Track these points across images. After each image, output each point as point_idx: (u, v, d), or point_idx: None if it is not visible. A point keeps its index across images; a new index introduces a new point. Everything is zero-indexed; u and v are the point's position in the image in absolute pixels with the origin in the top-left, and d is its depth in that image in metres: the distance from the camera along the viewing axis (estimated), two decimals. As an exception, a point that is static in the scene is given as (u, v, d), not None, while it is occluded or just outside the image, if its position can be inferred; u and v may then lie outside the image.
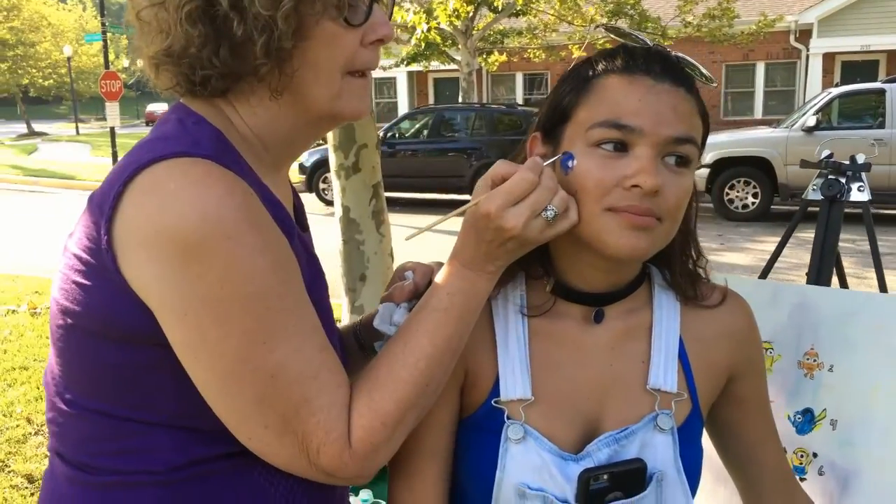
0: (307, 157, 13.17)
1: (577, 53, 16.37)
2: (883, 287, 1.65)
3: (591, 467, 0.86)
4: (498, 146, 12.11)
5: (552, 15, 15.69)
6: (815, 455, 1.28)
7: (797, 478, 1.14)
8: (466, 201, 0.85)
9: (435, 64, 17.24)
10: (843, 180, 1.87)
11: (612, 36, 0.98)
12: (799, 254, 8.15)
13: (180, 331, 0.79)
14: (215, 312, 0.77)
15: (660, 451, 0.89)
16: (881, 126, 9.75)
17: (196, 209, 0.75)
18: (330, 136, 4.24)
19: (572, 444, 0.89)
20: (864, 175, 1.90)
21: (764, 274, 1.85)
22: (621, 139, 0.83)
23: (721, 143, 10.65)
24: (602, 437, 0.88)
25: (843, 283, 1.91)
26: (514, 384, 0.89)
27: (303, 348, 0.81)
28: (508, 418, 0.89)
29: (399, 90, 24.62)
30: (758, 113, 20.49)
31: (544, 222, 0.80)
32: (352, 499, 2.66)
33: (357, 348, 1.06)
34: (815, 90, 17.08)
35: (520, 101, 22.38)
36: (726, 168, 10.39)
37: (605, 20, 14.99)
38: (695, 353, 0.94)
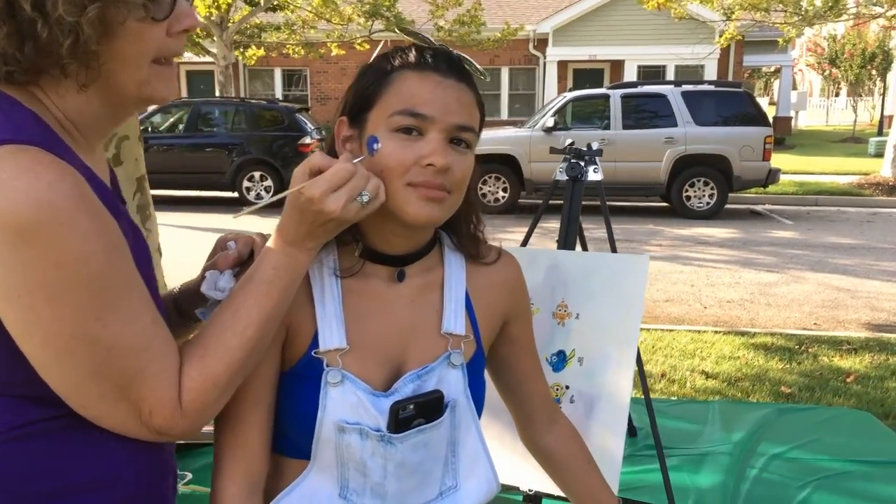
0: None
1: (336, 52, 16.56)
2: (613, 249, 2.02)
3: (400, 399, 1.04)
4: (259, 142, 11.89)
5: (310, 12, 15.72)
6: (567, 387, 1.56)
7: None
8: (225, 198, 0.96)
9: (188, 55, 16.54)
10: (581, 164, 2.24)
11: (402, 35, 1.15)
12: (544, 242, 8.97)
13: (13, 311, 0.83)
14: (49, 294, 0.82)
15: (453, 384, 1.09)
16: (607, 127, 10.94)
17: (29, 196, 0.79)
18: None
19: (382, 383, 1.06)
20: (597, 159, 2.29)
21: (524, 244, 2.15)
22: (417, 125, 1.00)
23: (473, 141, 11.30)
24: (407, 375, 1.06)
25: (584, 247, 2.28)
26: (331, 336, 1.04)
27: (135, 323, 0.88)
28: (327, 366, 1.03)
29: (148, 82, 23.18)
30: (504, 114, 22.01)
31: (359, 205, 0.95)
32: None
33: (176, 314, 1.14)
34: (552, 94, 18.76)
35: (279, 96, 22.10)
36: (478, 164, 10.99)
37: (362, 20, 15.31)
38: (477, 301, 1.16)
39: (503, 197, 11.30)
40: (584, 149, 2.23)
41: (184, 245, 8.01)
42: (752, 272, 7.59)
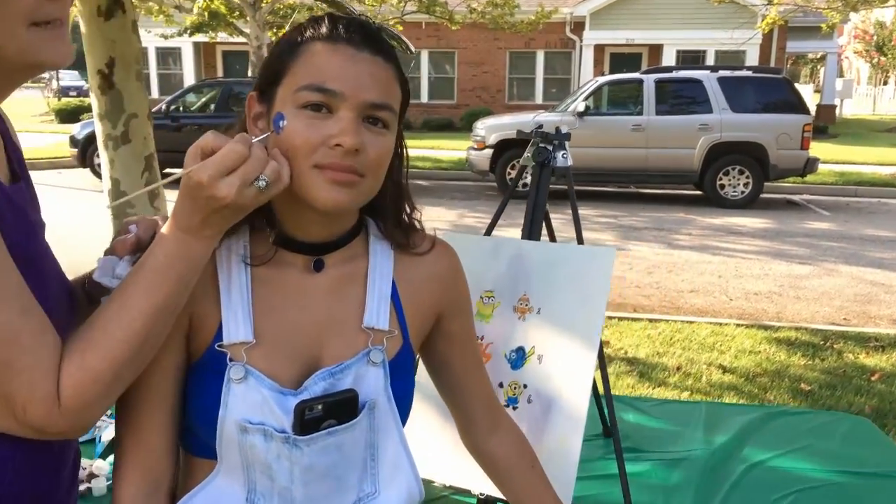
0: (79, 130, 12.24)
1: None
2: (580, 240, 1.90)
3: (306, 399, 0.95)
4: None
5: (343, -7, 15.63)
6: (525, 386, 1.47)
7: (510, 406, 1.30)
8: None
9: (223, 36, 16.59)
10: (549, 148, 2.12)
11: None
12: (566, 229, 8.83)
13: None
14: None
15: (372, 382, 0.99)
16: (640, 113, 10.72)
17: None
18: (95, 104, 4.01)
19: (293, 381, 0.97)
20: (566, 144, 2.15)
21: (488, 232, 2.05)
22: (325, 102, 0.90)
23: (503, 126, 11.16)
24: (318, 373, 0.97)
25: (552, 237, 2.16)
26: (237, 328, 0.95)
27: (0, 313, 0.82)
28: (231, 360, 0.95)
29: (185, 61, 23.44)
30: (538, 98, 21.76)
31: (257, 190, 0.85)
32: (100, 462, 2.61)
33: (87, 302, 1.07)
34: (588, 79, 18.46)
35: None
36: (509, 148, 10.88)
37: (394, 1, 15.19)
38: (406, 294, 1.06)
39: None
40: (553, 132, 2.10)
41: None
42: (783, 264, 7.37)
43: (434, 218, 9.51)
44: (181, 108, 12.26)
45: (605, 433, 3.17)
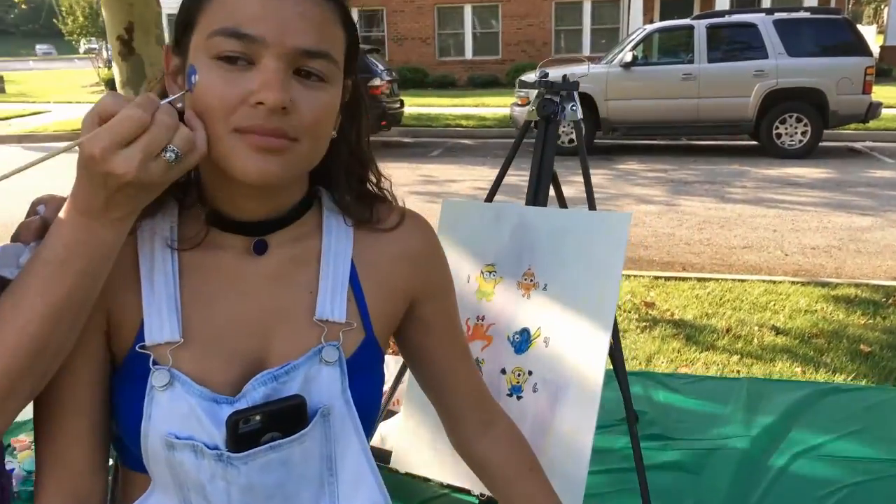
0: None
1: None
2: (591, 205, 1.68)
3: (241, 409, 0.80)
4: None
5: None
6: (530, 373, 1.31)
7: (514, 395, 1.15)
8: None
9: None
10: (556, 100, 1.90)
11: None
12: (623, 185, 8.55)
13: None
14: None
15: (325, 385, 0.85)
16: (691, 61, 10.29)
17: None
18: (116, 72, 3.93)
19: (230, 386, 0.82)
20: (576, 94, 1.94)
21: (489, 197, 1.83)
22: (242, 51, 0.74)
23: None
24: (259, 376, 0.82)
25: (562, 201, 1.95)
26: (161, 326, 0.81)
27: None
28: (154, 364, 0.81)
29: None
30: (586, 50, 21.17)
31: (166, 163, 0.70)
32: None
33: None
34: (637, 28, 17.83)
35: (356, 38, 21.87)
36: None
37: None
38: (368, 278, 0.90)
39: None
40: (560, 81, 1.88)
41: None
42: (843, 216, 7.00)
43: (476, 177, 9.32)
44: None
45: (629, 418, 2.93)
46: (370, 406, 0.89)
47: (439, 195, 8.19)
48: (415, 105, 15.60)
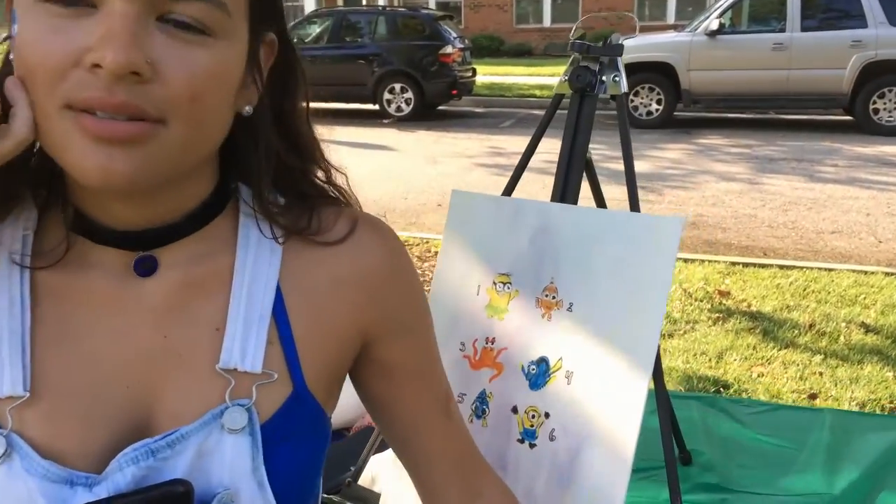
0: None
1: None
2: (634, 205, 1.36)
3: (95, 501, 0.57)
4: (401, 52, 11.56)
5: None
6: (547, 415, 1.03)
7: (527, 442, 0.90)
8: (366, 111, 0.53)
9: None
10: (595, 69, 1.57)
11: None
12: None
13: None
14: None
15: (228, 461, 0.61)
16: (783, 30, 9.66)
17: None
18: None
19: (94, 459, 0.59)
20: (619, 61, 1.58)
21: (508, 191, 1.50)
22: None
23: (628, 49, 10.38)
24: (129, 450, 0.59)
25: (599, 197, 1.59)
26: (1, 375, 0.59)
27: None
28: None
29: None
30: (670, 17, 20.31)
31: None
32: None
33: None
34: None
35: (432, 4, 21.58)
36: (632, 74, 10.22)
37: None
38: (301, 311, 0.66)
39: (657, 110, 10.33)
40: (599, 45, 1.53)
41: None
42: (946, 200, 6.41)
43: (548, 149, 8.96)
44: (296, 40, 12.11)
45: (682, 460, 2.30)
46: (300, 486, 0.65)
47: (507, 168, 7.91)
48: (488, 74, 15.25)
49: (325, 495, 1.68)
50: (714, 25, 9.82)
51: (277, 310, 0.64)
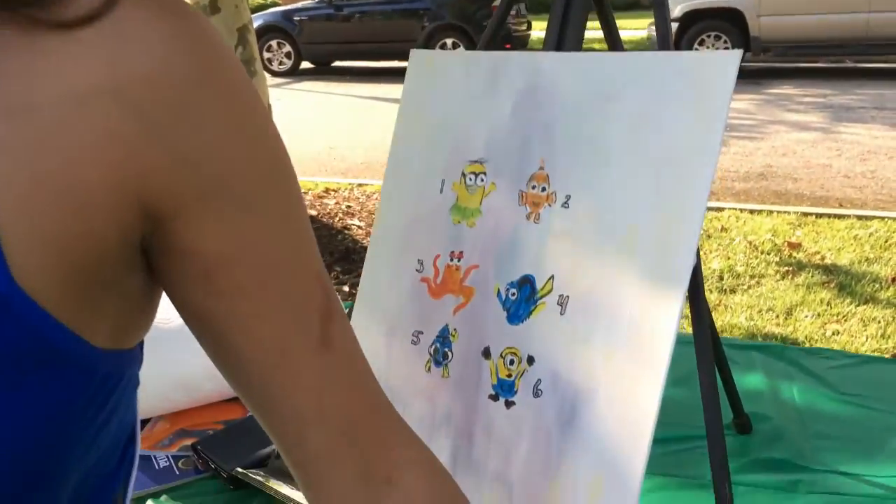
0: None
1: None
2: (666, 43, 0.99)
3: None
4: (451, 5, 11.23)
5: None
6: (531, 360, 0.69)
7: (502, 399, 0.60)
8: None
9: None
10: None
11: None
12: (771, 109, 7.57)
13: None
14: None
15: None
16: (863, -32, 8.96)
17: None
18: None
19: None
20: None
21: (486, 44, 1.09)
22: None
23: (690, -5, 9.95)
24: None
25: (615, 41, 1.10)
26: None
27: None
28: None
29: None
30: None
31: None
32: None
33: None
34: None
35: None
36: (696, 21, 9.70)
37: None
38: (5, 149, 0.35)
39: (723, 59, 9.76)
40: None
41: (374, 118, 7.82)
42: None
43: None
44: (341, -2, 11.82)
45: (739, 427, 1.83)
46: (24, 460, 0.38)
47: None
48: (544, 29, 14.72)
49: (242, 470, 1.44)
50: (786, -34, 9.18)
51: None
